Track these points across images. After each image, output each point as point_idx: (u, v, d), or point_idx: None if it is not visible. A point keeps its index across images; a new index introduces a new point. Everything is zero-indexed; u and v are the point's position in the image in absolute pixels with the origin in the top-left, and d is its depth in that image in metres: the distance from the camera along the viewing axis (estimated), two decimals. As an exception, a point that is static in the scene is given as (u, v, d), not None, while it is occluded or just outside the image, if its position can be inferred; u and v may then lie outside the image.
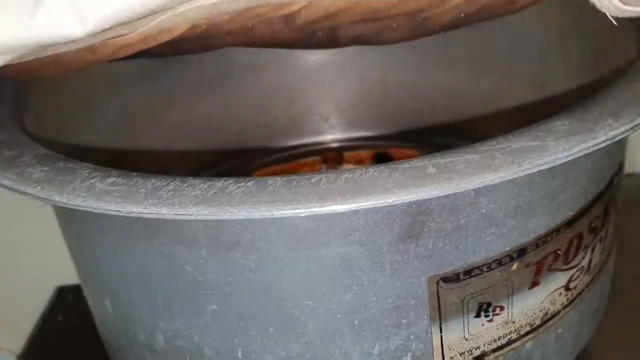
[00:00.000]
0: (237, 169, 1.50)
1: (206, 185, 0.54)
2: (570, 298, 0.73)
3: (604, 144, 0.54)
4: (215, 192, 0.52)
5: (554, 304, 0.71)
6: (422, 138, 1.56)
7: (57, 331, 1.22)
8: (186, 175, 0.58)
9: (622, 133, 0.55)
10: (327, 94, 1.53)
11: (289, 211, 0.49)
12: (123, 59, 0.66)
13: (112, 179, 0.59)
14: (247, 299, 0.61)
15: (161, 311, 0.67)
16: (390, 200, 0.49)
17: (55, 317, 1.27)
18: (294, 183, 0.51)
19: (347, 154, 1.47)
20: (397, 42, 0.85)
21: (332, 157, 1.46)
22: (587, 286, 0.76)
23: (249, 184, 0.53)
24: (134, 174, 0.61)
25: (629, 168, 0.88)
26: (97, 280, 0.77)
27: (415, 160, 0.55)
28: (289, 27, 0.66)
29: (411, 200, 0.50)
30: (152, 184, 0.56)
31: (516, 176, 0.51)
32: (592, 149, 0.53)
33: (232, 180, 0.54)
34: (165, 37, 0.61)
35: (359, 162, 1.44)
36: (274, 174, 1.46)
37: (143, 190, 0.55)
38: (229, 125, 1.49)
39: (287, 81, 1.49)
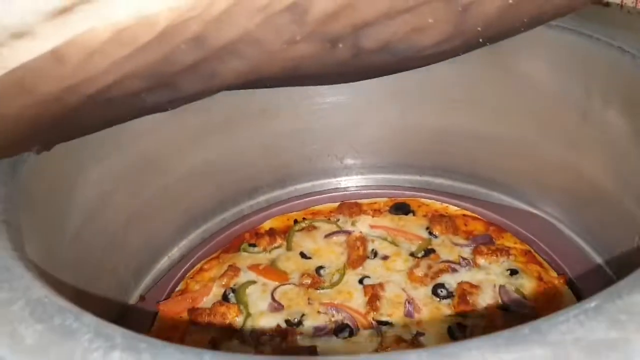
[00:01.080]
0: (248, 216, 1.42)
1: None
2: None
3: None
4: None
5: None
6: (440, 182, 1.48)
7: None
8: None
9: None
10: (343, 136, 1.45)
11: None
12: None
13: (117, 354, 0.51)
14: None
15: None
16: None
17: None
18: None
19: (364, 203, 1.38)
20: (432, 49, 0.65)
21: (348, 206, 1.37)
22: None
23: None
24: (143, 343, 0.53)
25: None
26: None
27: (476, 355, 0.47)
28: (302, 31, 0.54)
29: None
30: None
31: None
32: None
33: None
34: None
35: (377, 212, 1.36)
36: (289, 220, 1.37)
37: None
38: (242, 168, 1.41)
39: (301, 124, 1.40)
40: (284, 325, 1.10)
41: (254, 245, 1.29)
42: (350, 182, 1.51)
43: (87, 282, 1.08)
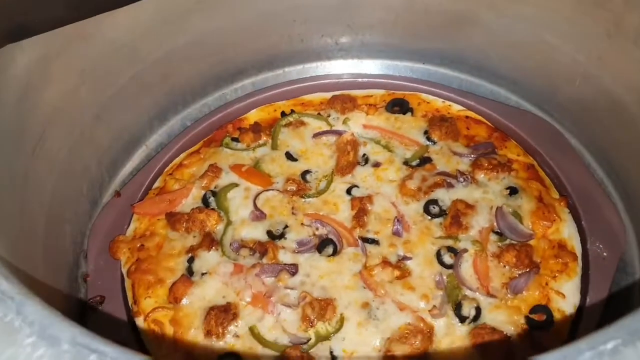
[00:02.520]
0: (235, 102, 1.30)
1: None
2: None
3: None
4: None
5: None
6: (444, 72, 1.35)
7: None
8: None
9: None
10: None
11: None
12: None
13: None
14: None
15: None
16: None
17: None
18: None
19: (359, 97, 1.25)
20: None
21: (341, 99, 1.24)
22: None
23: None
24: (93, 355, 0.46)
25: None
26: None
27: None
28: None
29: None
30: None
31: None
32: None
33: None
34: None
35: (372, 107, 1.24)
36: (277, 111, 1.26)
37: None
38: (225, 49, 1.26)
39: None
40: (265, 237, 1.04)
41: (237, 141, 1.20)
42: (345, 68, 1.37)
43: (56, 190, 1.00)
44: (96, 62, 1.04)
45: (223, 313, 0.94)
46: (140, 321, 0.96)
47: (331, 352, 0.91)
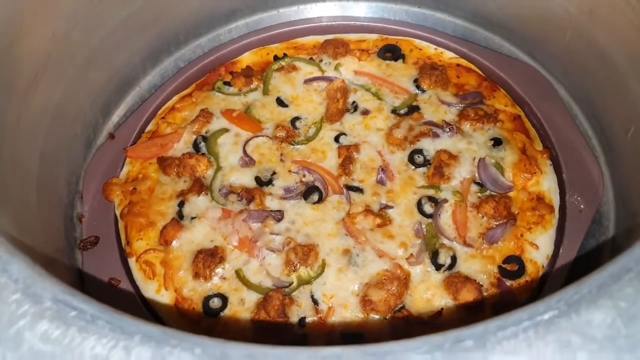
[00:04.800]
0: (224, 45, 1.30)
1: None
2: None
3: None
4: None
5: None
6: (439, 17, 1.33)
7: None
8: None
9: None
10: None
11: None
12: None
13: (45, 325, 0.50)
14: None
15: None
16: None
17: None
18: None
19: (352, 41, 1.25)
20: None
21: (334, 44, 1.24)
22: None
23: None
24: (73, 312, 0.51)
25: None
26: None
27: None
28: None
29: None
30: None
31: None
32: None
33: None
34: None
35: (365, 53, 1.24)
36: (269, 54, 1.26)
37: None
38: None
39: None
40: (253, 183, 1.08)
41: (229, 85, 1.21)
42: (340, 10, 1.35)
43: (50, 133, 1.03)
44: (85, 6, 1.04)
45: (210, 257, 0.99)
46: (132, 262, 1.02)
47: (312, 296, 0.97)
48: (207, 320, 0.96)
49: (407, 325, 0.94)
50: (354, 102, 1.17)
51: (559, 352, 0.46)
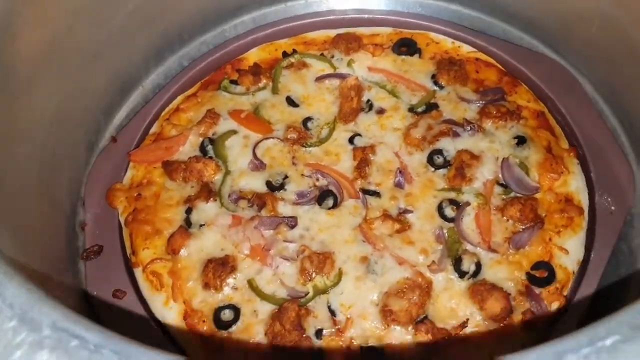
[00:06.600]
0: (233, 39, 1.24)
1: None
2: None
3: None
4: None
5: None
6: (456, 9, 1.27)
7: None
8: None
9: None
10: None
11: None
12: None
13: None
14: None
15: None
16: None
17: None
18: None
19: (365, 36, 1.19)
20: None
21: (346, 39, 1.18)
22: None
23: None
24: (74, 340, 0.46)
25: None
26: None
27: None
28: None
29: None
30: None
31: None
32: None
33: None
34: None
35: (378, 47, 1.17)
36: (278, 50, 1.20)
37: None
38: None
39: None
40: (264, 188, 1.02)
41: (235, 83, 1.15)
42: (351, 3, 1.29)
43: (50, 136, 0.98)
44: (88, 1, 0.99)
45: (221, 266, 0.93)
46: (138, 272, 0.96)
47: (329, 306, 0.91)
48: (218, 335, 0.90)
49: (430, 338, 0.89)
50: (368, 100, 1.11)
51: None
